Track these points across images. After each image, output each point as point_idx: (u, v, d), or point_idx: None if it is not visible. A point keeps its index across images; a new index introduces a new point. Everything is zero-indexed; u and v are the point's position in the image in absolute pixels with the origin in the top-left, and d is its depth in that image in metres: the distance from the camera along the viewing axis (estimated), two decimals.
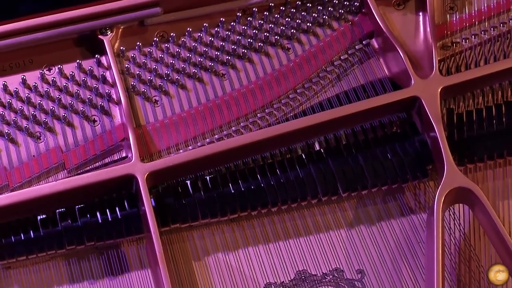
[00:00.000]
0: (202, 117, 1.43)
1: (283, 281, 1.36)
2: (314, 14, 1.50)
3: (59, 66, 1.44)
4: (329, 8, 1.50)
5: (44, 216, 1.34)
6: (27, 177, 1.37)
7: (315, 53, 1.49)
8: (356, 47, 1.50)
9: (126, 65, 1.45)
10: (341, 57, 1.49)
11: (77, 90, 1.43)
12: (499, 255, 1.37)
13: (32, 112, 1.41)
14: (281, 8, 1.50)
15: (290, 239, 1.39)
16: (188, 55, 1.47)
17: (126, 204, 1.35)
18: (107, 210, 1.34)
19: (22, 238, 1.32)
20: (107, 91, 1.43)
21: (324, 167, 1.39)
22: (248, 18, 1.49)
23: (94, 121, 1.42)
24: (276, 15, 1.50)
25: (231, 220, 1.39)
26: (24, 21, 1.42)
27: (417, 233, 1.40)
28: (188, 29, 1.47)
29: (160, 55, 1.46)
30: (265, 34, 1.48)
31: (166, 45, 1.47)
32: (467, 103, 1.46)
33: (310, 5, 1.51)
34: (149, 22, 1.47)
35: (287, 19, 1.49)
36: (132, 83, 1.44)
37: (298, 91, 1.46)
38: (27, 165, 1.38)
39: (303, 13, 1.50)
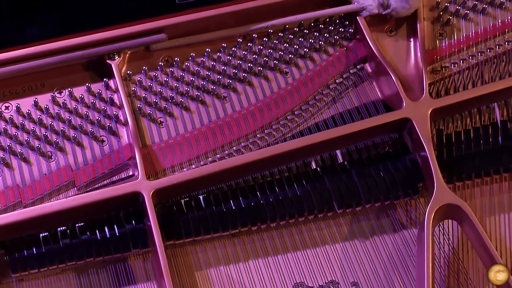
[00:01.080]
0: (205, 138, 1.43)
1: None
2: (310, 40, 1.51)
3: (69, 89, 1.45)
4: (325, 34, 1.51)
5: (55, 231, 1.34)
6: (39, 194, 1.38)
7: (311, 77, 1.49)
8: (351, 71, 1.51)
9: (133, 88, 1.46)
10: (337, 80, 1.49)
11: (87, 112, 1.43)
12: (485, 268, 1.36)
13: (44, 133, 1.41)
14: (280, 34, 1.50)
15: (288, 252, 1.39)
16: (191, 78, 1.47)
17: (133, 219, 1.35)
18: (115, 226, 1.34)
19: (34, 252, 1.32)
20: (114, 112, 1.44)
21: (320, 185, 1.40)
22: (248, 44, 1.50)
23: (103, 141, 1.43)
24: (275, 41, 1.50)
25: (232, 235, 1.39)
26: (36, 46, 1.42)
27: (409, 248, 1.40)
28: (192, 54, 1.48)
29: (165, 79, 1.47)
30: (265, 59, 1.49)
31: (170, 69, 1.48)
32: (456, 124, 1.46)
33: (307, 31, 1.51)
34: (154, 48, 1.48)
35: (285, 44, 1.50)
36: (139, 105, 1.45)
37: (295, 112, 1.47)
38: (39, 183, 1.39)
39: (300, 39, 1.51)
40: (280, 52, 1.50)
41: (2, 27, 1.49)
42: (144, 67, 1.47)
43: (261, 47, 1.49)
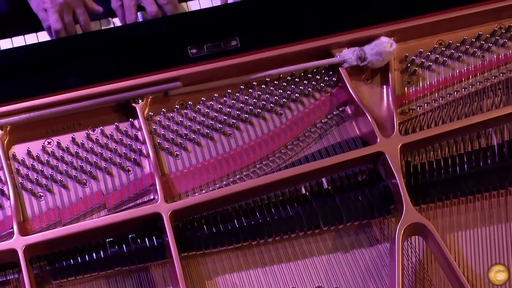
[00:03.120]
0: (213, 168, 1.45)
1: None
2: (301, 87, 1.52)
3: (101, 127, 1.46)
4: (313, 82, 1.52)
5: (89, 245, 1.38)
6: (76, 214, 1.41)
7: (302, 118, 1.50)
8: (334, 112, 1.51)
9: (154, 127, 1.46)
10: (322, 120, 1.50)
11: (115, 146, 1.45)
12: (446, 276, 1.40)
13: (80, 164, 1.43)
14: (275, 82, 1.51)
15: (282, 263, 1.42)
16: (202, 119, 1.49)
17: (153, 236, 1.38)
18: (139, 241, 1.38)
19: (72, 263, 1.36)
20: (138, 147, 1.45)
21: (309, 207, 1.42)
22: (249, 90, 1.51)
23: (129, 170, 1.44)
24: (271, 88, 1.51)
25: (236, 248, 1.41)
26: (74, 92, 1.45)
27: (382, 259, 1.43)
28: (202, 98, 1.49)
29: (180, 119, 1.48)
30: (263, 102, 1.50)
31: (185, 111, 1.48)
32: (421, 156, 1.47)
33: (297, 79, 1.52)
34: (171, 93, 1.49)
35: (280, 90, 1.51)
36: (158, 141, 1.46)
37: (288, 147, 1.48)
38: (76, 205, 1.41)
39: (292, 86, 1.52)
40: (275, 97, 1.51)
41: (47, 76, 1.48)
42: (163, 110, 1.47)
43: (260, 93, 1.50)
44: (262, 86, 1.52)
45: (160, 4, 1.71)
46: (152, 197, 1.43)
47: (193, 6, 1.75)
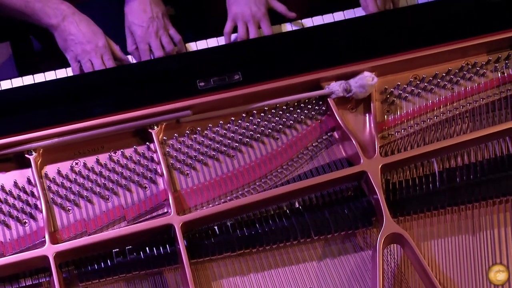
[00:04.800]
0: (219, 185, 1.46)
1: None
2: (295, 115, 1.53)
3: (122, 150, 1.47)
4: (305, 111, 1.53)
5: (110, 252, 1.40)
6: (99, 225, 1.43)
7: (295, 141, 1.51)
8: (323, 137, 1.52)
9: (167, 150, 1.48)
10: (313, 144, 1.52)
11: (134, 167, 1.47)
12: (421, 279, 1.41)
13: (103, 182, 1.45)
14: (272, 110, 1.53)
15: (279, 267, 1.44)
16: (209, 142, 1.50)
17: (167, 244, 1.40)
18: (154, 248, 1.40)
19: (96, 267, 1.38)
20: (154, 167, 1.47)
21: (301, 219, 1.43)
22: (250, 118, 1.53)
23: (145, 187, 1.46)
24: (269, 116, 1.53)
25: (238, 255, 1.43)
26: (98, 119, 1.46)
27: (365, 264, 1.44)
28: (209, 125, 1.51)
29: (190, 143, 1.49)
30: (262, 128, 1.52)
31: (194, 136, 1.49)
32: (399, 175, 1.48)
33: (292, 108, 1.53)
34: (182, 121, 1.50)
35: (276, 118, 1.52)
36: (171, 162, 1.48)
37: (284, 167, 1.49)
38: (99, 217, 1.43)
39: (287, 114, 1.53)
40: (273, 124, 1.52)
41: (75, 106, 1.50)
42: (175, 135, 1.49)
43: (259, 120, 1.52)
44: (261, 114, 1.53)
45: (166, 50, 1.75)
46: (165, 210, 1.45)
47: (200, 45, 1.76)
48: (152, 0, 1.72)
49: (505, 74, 1.58)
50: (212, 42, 1.76)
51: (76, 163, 1.48)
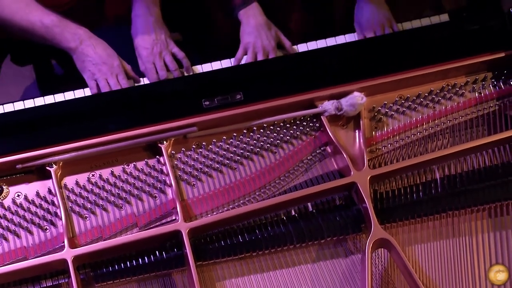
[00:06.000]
0: (222, 194, 1.49)
1: None
2: (291, 131, 1.55)
3: (134, 163, 1.50)
4: (300, 127, 1.55)
5: (124, 256, 1.42)
6: (114, 231, 1.45)
7: (292, 155, 1.53)
8: (317, 151, 1.54)
9: (175, 163, 1.50)
10: (308, 157, 1.54)
11: (145, 178, 1.49)
12: (405, 280, 1.44)
13: (117, 192, 1.48)
14: (271, 127, 1.54)
15: (277, 270, 1.46)
16: (213, 156, 1.52)
17: (175, 248, 1.43)
18: (163, 252, 1.42)
19: (110, 269, 1.41)
20: (163, 178, 1.49)
21: (297, 226, 1.46)
22: (251, 134, 1.54)
23: (155, 197, 1.49)
24: (268, 132, 1.54)
25: (240, 258, 1.45)
26: (113, 135, 1.48)
27: (355, 267, 1.46)
28: (214, 140, 1.53)
29: (196, 156, 1.51)
30: (261, 143, 1.53)
31: (200, 150, 1.52)
32: (386, 185, 1.51)
33: (288, 125, 1.54)
34: (189, 136, 1.52)
35: (274, 134, 1.54)
36: (179, 173, 1.50)
37: (281, 178, 1.51)
38: (114, 224, 1.46)
39: (284, 130, 1.55)
40: (271, 139, 1.54)
41: (92, 123, 1.50)
42: (182, 149, 1.51)
43: (259, 136, 1.54)
44: (261, 130, 1.55)
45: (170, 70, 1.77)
46: (174, 217, 1.47)
47: (206, 67, 1.78)
48: (156, 24, 1.75)
49: (482, 94, 1.60)
50: (216, 65, 1.78)
51: (93, 175, 1.51)
